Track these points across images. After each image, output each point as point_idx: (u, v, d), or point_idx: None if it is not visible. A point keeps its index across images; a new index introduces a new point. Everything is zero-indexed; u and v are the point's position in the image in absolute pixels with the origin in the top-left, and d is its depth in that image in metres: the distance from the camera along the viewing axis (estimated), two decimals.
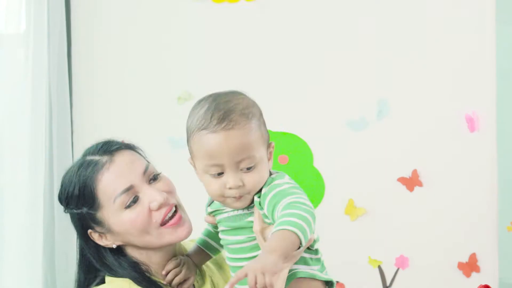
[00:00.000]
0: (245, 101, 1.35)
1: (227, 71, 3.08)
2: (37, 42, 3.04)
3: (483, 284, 0.86)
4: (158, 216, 1.42)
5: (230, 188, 1.28)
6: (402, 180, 2.89)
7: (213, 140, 1.26)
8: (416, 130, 2.86)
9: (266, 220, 1.32)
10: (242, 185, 1.28)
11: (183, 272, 1.47)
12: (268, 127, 3.13)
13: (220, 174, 1.29)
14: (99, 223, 1.44)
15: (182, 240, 1.48)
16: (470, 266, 2.83)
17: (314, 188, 2.98)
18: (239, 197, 1.31)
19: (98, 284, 1.48)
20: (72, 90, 3.29)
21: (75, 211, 1.45)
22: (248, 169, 1.29)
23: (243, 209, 1.35)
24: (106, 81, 3.27)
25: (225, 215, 1.38)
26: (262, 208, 1.32)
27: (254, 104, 1.38)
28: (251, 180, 1.29)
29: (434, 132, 2.84)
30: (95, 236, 1.47)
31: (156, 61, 3.18)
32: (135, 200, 1.41)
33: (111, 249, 1.48)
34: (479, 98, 2.78)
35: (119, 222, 1.42)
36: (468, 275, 2.83)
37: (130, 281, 1.45)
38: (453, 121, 2.81)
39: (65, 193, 1.47)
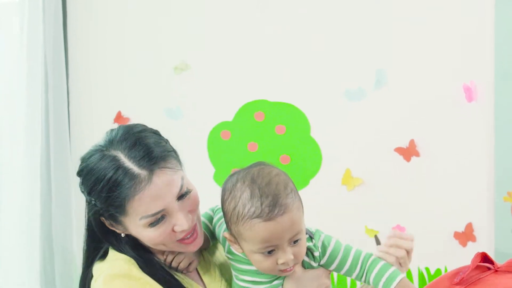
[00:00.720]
0: (281, 177, 1.39)
1: (225, 41, 3.06)
2: (32, 11, 3.02)
3: (480, 251, 0.86)
4: (179, 236, 1.43)
5: (282, 264, 1.36)
6: (399, 150, 2.89)
7: (270, 227, 1.32)
8: (414, 100, 2.85)
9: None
10: (292, 259, 1.37)
11: (185, 258, 1.51)
12: (266, 98, 3.16)
13: (271, 252, 1.36)
14: (117, 222, 1.43)
15: (191, 252, 1.51)
16: (466, 236, 2.84)
17: (311, 158, 2.98)
18: (291, 269, 1.40)
19: (102, 256, 1.50)
20: (68, 59, 3.27)
21: (97, 205, 1.42)
22: (296, 242, 1.37)
23: None
24: (102, 50, 3.25)
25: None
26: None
27: (286, 177, 1.42)
28: (299, 251, 1.39)
29: (431, 102, 2.83)
30: (106, 223, 1.46)
31: (153, 30, 3.16)
32: (161, 219, 1.40)
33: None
34: (477, 67, 2.77)
35: (139, 234, 1.42)
36: (464, 244, 2.85)
37: (133, 261, 1.45)
38: (450, 91, 2.80)
39: (90, 186, 1.41)
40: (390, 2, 2.87)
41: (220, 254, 1.63)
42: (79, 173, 1.46)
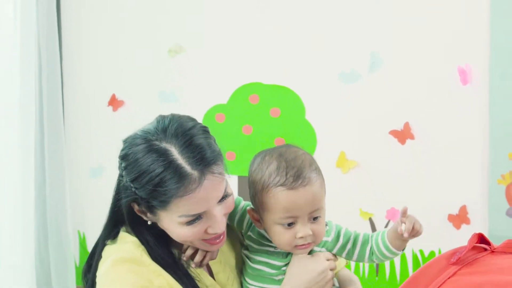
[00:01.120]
0: (306, 157, 1.47)
1: (219, 23, 3.05)
2: None
3: (477, 232, 0.87)
4: (208, 236, 1.43)
5: (301, 238, 1.43)
6: (393, 132, 2.89)
7: (292, 196, 1.40)
8: (409, 82, 2.85)
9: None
10: (311, 234, 1.43)
11: (207, 255, 1.53)
12: (261, 80, 3.15)
13: (291, 224, 1.42)
14: (152, 212, 1.41)
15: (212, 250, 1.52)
16: (460, 218, 2.85)
17: (306, 141, 2.98)
18: (308, 245, 1.45)
19: (113, 237, 1.50)
20: (62, 42, 3.26)
21: (138, 194, 1.38)
22: (315, 219, 1.44)
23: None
24: (96, 33, 3.24)
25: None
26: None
27: (312, 157, 1.49)
28: (318, 229, 1.45)
29: (426, 84, 2.83)
30: (136, 208, 1.43)
31: (147, 13, 3.14)
32: (198, 219, 1.39)
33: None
34: (472, 50, 2.76)
35: (172, 229, 1.40)
36: (458, 227, 2.86)
37: (142, 247, 1.44)
38: (445, 73, 2.79)
39: (135, 175, 1.37)
40: None
41: (232, 246, 1.63)
42: (123, 157, 1.42)
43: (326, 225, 1.54)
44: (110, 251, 1.47)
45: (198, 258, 1.50)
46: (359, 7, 2.89)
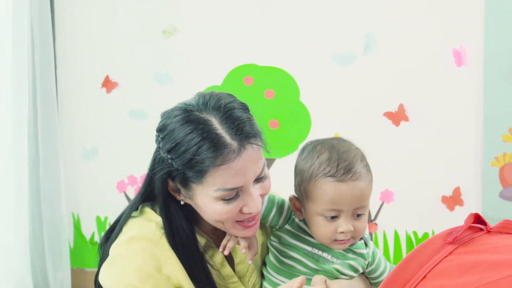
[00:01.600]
0: (359, 152, 1.45)
1: (213, 4, 3.04)
2: None
3: (473, 212, 0.87)
4: (242, 217, 1.39)
5: (341, 232, 1.40)
6: (388, 114, 2.89)
7: (340, 188, 1.37)
8: (403, 64, 2.85)
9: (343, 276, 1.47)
10: (352, 231, 1.40)
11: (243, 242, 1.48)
12: (255, 62, 3.13)
13: (334, 218, 1.40)
14: (187, 187, 1.37)
15: (246, 236, 1.46)
16: (453, 200, 2.86)
17: (300, 123, 2.98)
18: (347, 241, 1.42)
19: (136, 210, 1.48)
20: (55, 22, 3.24)
21: (174, 165, 1.34)
22: (358, 216, 1.41)
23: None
24: (89, 14, 3.22)
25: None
26: (366, 260, 1.50)
27: (364, 154, 1.48)
28: (360, 226, 1.42)
29: (421, 66, 2.82)
30: (170, 184, 1.40)
31: None
32: (236, 196, 1.35)
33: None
34: (467, 31, 2.76)
35: (207, 205, 1.36)
36: (451, 208, 2.87)
37: (164, 232, 1.41)
38: (440, 55, 2.79)
39: (173, 144, 1.33)
40: None
41: (256, 237, 1.60)
42: (161, 129, 1.37)
43: (366, 245, 1.51)
44: (132, 225, 1.44)
45: (244, 243, 1.44)
46: None
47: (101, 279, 1.42)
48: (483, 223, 0.91)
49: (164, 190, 1.40)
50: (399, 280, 0.79)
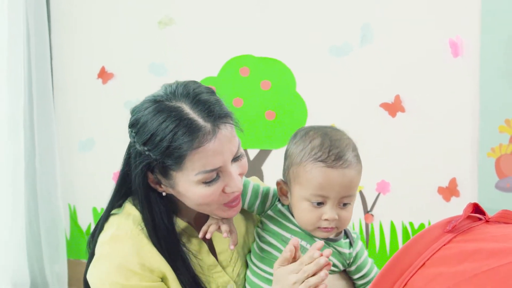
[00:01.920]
0: (351, 141, 1.45)
1: None
2: None
3: (472, 202, 0.87)
4: (226, 199, 1.41)
5: (326, 220, 1.39)
6: (384, 105, 2.89)
7: (329, 174, 1.37)
8: (400, 55, 2.84)
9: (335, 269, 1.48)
10: (337, 219, 1.40)
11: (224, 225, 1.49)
12: (251, 53, 3.13)
13: (320, 204, 1.39)
14: (168, 176, 1.39)
15: (229, 217, 1.49)
16: (450, 191, 2.87)
17: (297, 114, 2.98)
18: (331, 229, 1.42)
19: (120, 206, 1.50)
20: (51, 13, 3.23)
21: (152, 156, 1.36)
22: (344, 205, 1.41)
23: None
24: (85, 6, 3.21)
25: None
26: (350, 254, 1.50)
27: (355, 145, 1.47)
28: (345, 215, 1.41)
29: (417, 57, 2.82)
30: (150, 177, 1.42)
31: None
32: (216, 178, 1.37)
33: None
34: (463, 22, 2.76)
35: (189, 191, 1.38)
36: (447, 199, 2.87)
37: (143, 226, 1.43)
38: (436, 46, 2.79)
39: (147, 136, 1.35)
40: None
41: (240, 226, 1.60)
42: (133, 125, 1.39)
43: (351, 246, 1.51)
44: (112, 223, 1.47)
45: (225, 227, 1.46)
46: None
47: (88, 278, 1.46)
48: (482, 212, 0.91)
49: (144, 184, 1.42)
50: (397, 268, 0.79)
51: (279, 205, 1.51)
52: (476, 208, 0.89)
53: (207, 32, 3.06)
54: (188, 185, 1.37)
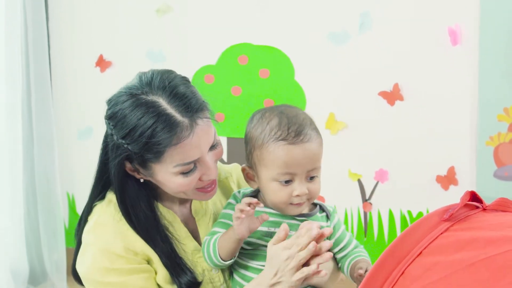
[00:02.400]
0: (307, 116, 1.46)
1: None
2: None
3: (469, 190, 0.87)
4: (202, 185, 1.44)
5: (297, 196, 1.41)
6: (383, 94, 2.89)
7: (292, 151, 1.38)
8: (398, 43, 2.84)
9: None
10: (307, 193, 1.41)
11: None
12: (250, 41, 3.12)
13: (288, 182, 1.41)
14: (146, 167, 1.41)
15: (206, 200, 1.54)
16: (448, 179, 2.87)
17: (295, 102, 2.97)
18: (303, 203, 1.43)
19: (103, 198, 1.52)
20: (48, 3, 3.22)
21: (131, 149, 1.37)
22: (312, 178, 1.43)
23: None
24: None
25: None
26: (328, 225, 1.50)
27: (312, 119, 1.48)
28: (314, 188, 1.43)
29: (416, 45, 2.82)
30: (128, 166, 1.43)
31: None
32: (194, 168, 1.40)
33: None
34: (462, 10, 2.75)
35: (168, 180, 1.41)
36: (446, 188, 2.87)
37: (121, 215, 1.45)
38: (435, 34, 2.78)
39: (126, 131, 1.36)
40: None
41: (218, 201, 1.62)
42: (111, 117, 1.40)
43: (328, 219, 1.52)
44: (94, 213, 1.49)
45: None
46: None
47: (77, 268, 1.48)
48: (479, 201, 0.91)
49: (121, 172, 1.44)
50: (395, 256, 0.79)
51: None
52: (474, 196, 0.89)
53: (206, 20, 3.05)
54: (166, 176, 1.40)
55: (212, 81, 3.06)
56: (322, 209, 1.52)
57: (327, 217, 1.52)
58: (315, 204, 1.52)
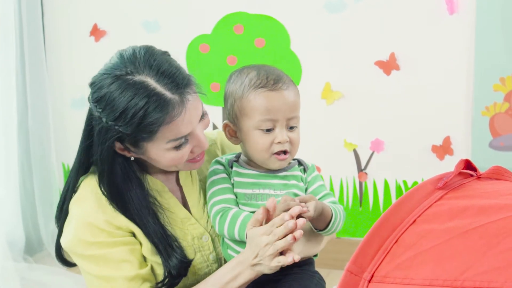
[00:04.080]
0: (283, 71, 1.51)
1: None
2: None
3: (464, 159, 0.87)
4: (193, 156, 1.47)
5: (279, 143, 1.45)
6: (379, 63, 2.88)
7: (273, 97, 1.43)
8: (395, 12, 2.82)
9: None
10: (288, 141, 1.46)
11: None
12: (245, 10, 3.10)
13: (269, 130, 1.45)
14: (137, 146, 1.41)
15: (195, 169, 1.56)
16: (443, 149, 2.87)
17: (291, 72, 2.96)
18: (285, 155, 1.47)
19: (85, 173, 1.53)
20: None
21: (123, 131, 1.36)
22: (292, 128, 1.47)
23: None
24: None
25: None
26: (305, 181, 1.54)
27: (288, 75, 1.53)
28: (295, 137, 1.47)
29: (412, 14, 2.80)
30: (117, 146, 1.42)
31: None
32: (185, 142, 1.41)
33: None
34: None
35: (160, 156, 1.42)
36: (441, 157, 2.88)
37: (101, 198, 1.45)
38: (432, 2, 2.77)
39: (117, 114, 1.34)
40: None
41: (204, 167, 1.63)
42: (97, 101, 1.37)
43: (305, 171, 1.55)
44: (80, 186, 1.50)
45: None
46: None
47: (61, 241, 1.50)
48: (473, 169, 0.91)
49: (111, 154, 1.43)
50: (389, 224, 0.79)
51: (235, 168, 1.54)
52: (468, 165, 0.89)
53: None
54: (159, 152, 1.41)
55: (207, 51, 3.05)
56: (301, 164, 1.56)
57: (305, 171, 1.56)
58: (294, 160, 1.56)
